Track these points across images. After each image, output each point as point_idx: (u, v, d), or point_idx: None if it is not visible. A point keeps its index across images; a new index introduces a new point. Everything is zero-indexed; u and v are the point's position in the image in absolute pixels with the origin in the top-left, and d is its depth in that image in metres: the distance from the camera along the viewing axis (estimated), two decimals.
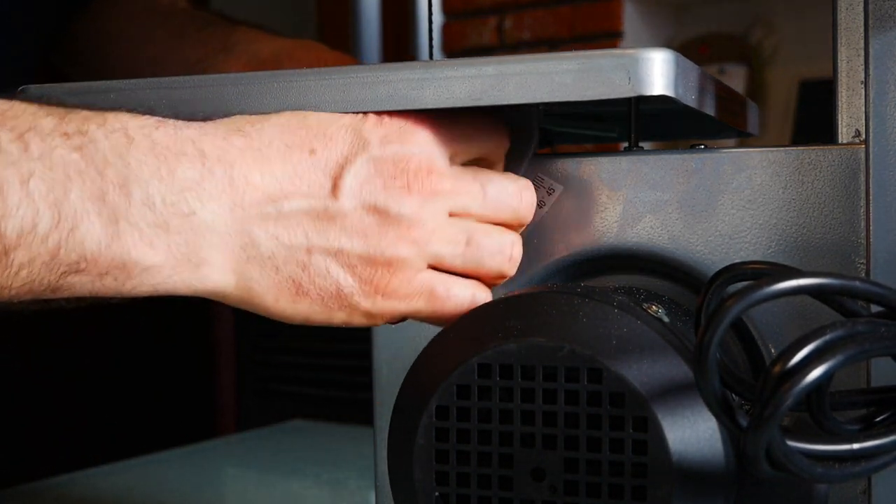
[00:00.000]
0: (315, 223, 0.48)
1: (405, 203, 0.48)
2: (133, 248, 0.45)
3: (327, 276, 0.48)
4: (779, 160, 0.51)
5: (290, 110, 0.50)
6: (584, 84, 0.47)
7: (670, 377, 0.44)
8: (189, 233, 0.46)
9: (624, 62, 0.46)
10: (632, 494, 0.43)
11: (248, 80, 0.51)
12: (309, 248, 0.48)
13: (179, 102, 0.52)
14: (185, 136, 0.47)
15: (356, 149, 0.48)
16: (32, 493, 1.07)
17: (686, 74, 0.48)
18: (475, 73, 0.48)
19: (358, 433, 1.37)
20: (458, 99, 0.48)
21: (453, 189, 0.49)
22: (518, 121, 0.53)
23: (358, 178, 0.48)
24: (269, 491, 1.07)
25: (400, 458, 0.47)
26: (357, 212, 0.48)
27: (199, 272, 0.47)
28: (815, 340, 0.38)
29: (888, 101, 0.49)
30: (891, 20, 0.48)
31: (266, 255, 0.48)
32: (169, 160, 0.46)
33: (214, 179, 0.47)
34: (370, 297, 0.49)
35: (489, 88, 0.48)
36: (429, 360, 0.48)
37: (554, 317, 0.46)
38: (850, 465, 0.40)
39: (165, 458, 1.23)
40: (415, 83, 0.49)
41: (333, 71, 0.50)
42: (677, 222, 0.52)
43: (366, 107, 0.49)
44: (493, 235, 0.51)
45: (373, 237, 0.48)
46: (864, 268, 0.49)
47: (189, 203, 0.46)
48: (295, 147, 0.48)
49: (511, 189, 0.51)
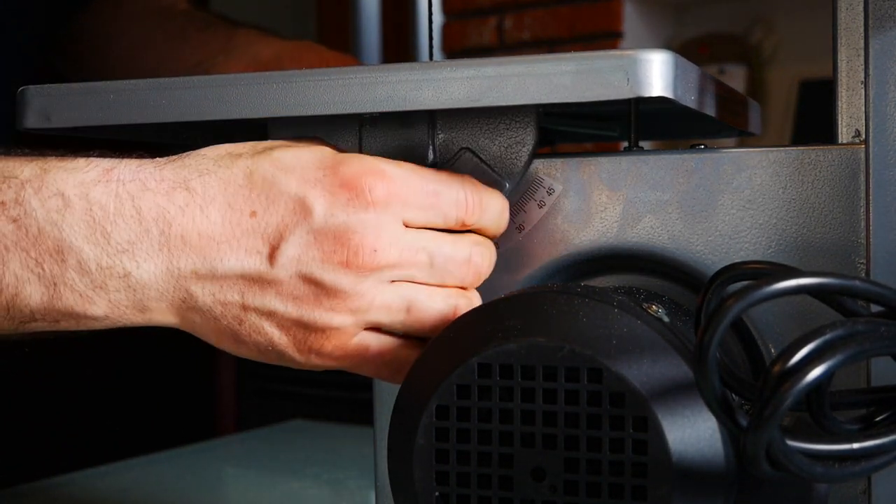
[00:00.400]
0: (250, 285, 0.48)
1: (342, 278, 0.48)
2: (75, 304, 0.48)
3: (262, 332, 0.49)
4: (779, 160, 0.51)
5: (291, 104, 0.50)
6: (583, 85, 0.47)
7: (670, 377, 0.44)
8: (128, 290, 0.48)
9: (622, 63, 0.46)
10: (632, 494, 0.43)
11: (247, 81, 0.51)
12: (244, 305, 0.49)
13: (179, 103, 0.52)
14: (125, 193, 0.48)
15: (297, 217, 0.48)
16: (32, 493, 1.07)
17: (685, 75, 0.48)
18: (473, 75, 0.48)
19: (358, 433, 1.37)
20: (456, 100, 0.48)
21: (398, 262, 0.49)
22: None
23: (296, 248, 0.48)
24: (269, 491, 1.07)
25: (400, 458, 0.47)
26: (292, 280, 0.48)
27: (144, 316, 0.49)
28: (815, 340, 0.38)
29: (888, 101, 0.49)
30: (891, 20, 0.48)
31: (204, 308, 0.49)
32: (104, 223, 0.47)
33: (150, 239, 0.47)
34: (305, 355, 0.50)
35: (487, 89, 0.48)
36: (429, 360, 0.48)
37: (554, 317, 0.46)
38: (850, 465, 0.40)
39: (165, 458, 1.23)
40: (413, 84, 0.49)
41: (332, 72, 0.50)
42: (677, 222, 0.52)
43: (365, 108, 0.49)
44: (437, 300, 0.50)
45: (307, 305, 0.48)
46: (864, 268, 0.49)
47: (124, 265, 0.47)
48: (236, 208, 0.48)
49: (460, 257, 0.50)
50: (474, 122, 0.53)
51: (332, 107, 0.50)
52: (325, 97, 0.50)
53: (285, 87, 0.51)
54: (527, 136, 0.53)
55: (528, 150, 0.53)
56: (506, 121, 0.53)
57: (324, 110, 0.50)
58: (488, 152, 0.53)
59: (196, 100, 0.52)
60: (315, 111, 0.51)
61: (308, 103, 0.51)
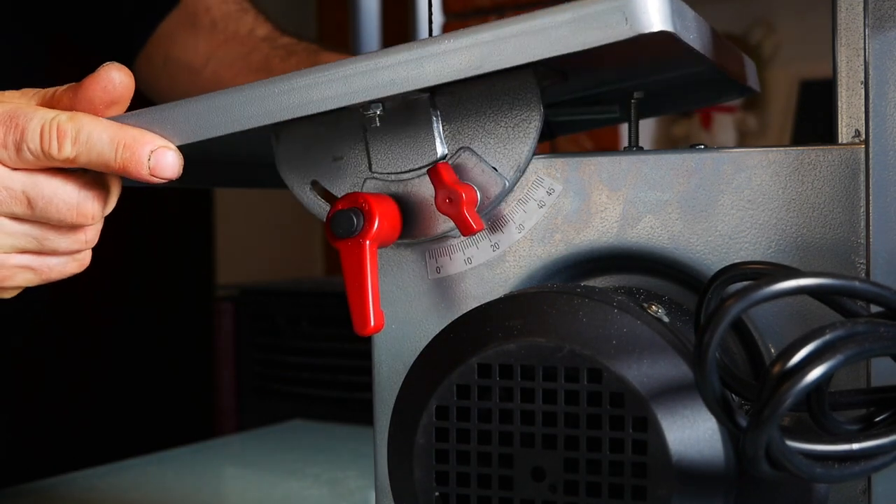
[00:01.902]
0: None
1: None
2: None
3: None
4: (779, 160, 0.51)
5: (295, 105, 0.51)
6: (582, 32, 0.46)
7: (670, 377, 0.44)
8: None
9: (619, 4, 0.46)
10: (632, 494, 0.43)
11: (253, 86, 0.52)
12: None
13: (193, 115, 0.53)
14: None
15: None
16: (32, 493, 1.07)
17: (682, 12, 0.48)
18: (472, 42, 0.48)
19: (358, 433, 1.37)
20: (459, 70, 0.48)
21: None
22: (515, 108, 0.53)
23: None
24: (269, 491, 1.07)
25: (400, 458, 0.47)
26: None
27: None
28: (815, 340, 0.38)
29: (888, 101, 0.49)
30: (891, 20, 0.48)
31: None
32: None
33: None
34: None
35: (488, 55, 0.48)
36: (429, 360, 0.48)
37: (554, 317, 0.46)
38: (849, 465, 0.40)
39: (165, 458, 1.23)
40: (414, 63, 0.49)
41: (333, 65, 0.50)
42: (677, 222, 0.52)
43: (370, 95, 0.49)
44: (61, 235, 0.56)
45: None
46: (864, 268, 0.49)
47: None
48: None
49: (63, 205, 0.54)
50: (475, 121, 0.53)
51: (338, 100, 0.50)
52: (329, 92, 0.50)
53: (288, 88, 0.51)
54: (528, 134, 0.53)
55: (529, 148, 0.53)
56: (506, 119, 0.53)
57: (330, 105, 0.50)
58: (488, 151, 0.53)
59: (211, 110, 0.52)
60: (321, 108, 0.51)
61: (313, 100, 0.51)
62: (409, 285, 0.57)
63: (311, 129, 0.56)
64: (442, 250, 0.56)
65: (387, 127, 0.54)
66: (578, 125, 0.69)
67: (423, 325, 0.56)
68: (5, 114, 0.53)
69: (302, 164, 0.57)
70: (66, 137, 0.52)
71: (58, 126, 0.52)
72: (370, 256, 0.52)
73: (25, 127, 0.52)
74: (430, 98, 0.54)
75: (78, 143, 0.52)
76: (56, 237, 0.56)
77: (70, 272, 0.58)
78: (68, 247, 0.57)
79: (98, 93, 0.54)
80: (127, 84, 0.54)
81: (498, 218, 0.55)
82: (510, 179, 0.53)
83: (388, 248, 0.57)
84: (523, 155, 0.53)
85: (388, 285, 0.57)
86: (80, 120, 0.53)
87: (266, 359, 2.13)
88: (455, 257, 0.56)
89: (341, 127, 0.56)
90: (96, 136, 0.52)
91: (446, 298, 0.56)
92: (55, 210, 0.54)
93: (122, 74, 0.54)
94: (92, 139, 0.52)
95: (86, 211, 0.54)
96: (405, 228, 0.55)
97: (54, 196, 0.54)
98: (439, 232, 0.55)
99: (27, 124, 0.52)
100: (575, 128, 0.71)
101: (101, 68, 0.54)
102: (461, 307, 0.55)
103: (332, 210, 0.52)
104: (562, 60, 0.48)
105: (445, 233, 0.55)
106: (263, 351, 2.14)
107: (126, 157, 0.52)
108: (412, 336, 0.57)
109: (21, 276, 0.57)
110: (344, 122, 0.55)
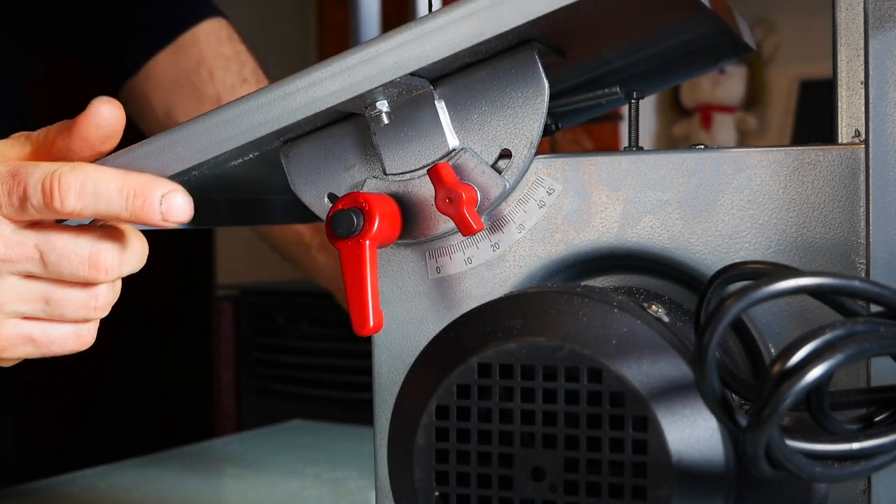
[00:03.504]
0: None
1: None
2: None
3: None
4: (779, 160, 0.51)
5: (302, 105, 0.51)
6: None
7: (670, 377, 0.44)
8: None
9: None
10: (632, 494, 0.43)
11: (258, 94, 0.52)
12: None
13: (203, 131, 0.53)
14: None
15: None
16: (32, 493, 1.07)
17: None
18: (470, 11, 0.48)
19: (358, 433, 1.37)
20: (461, 41, 0.48)
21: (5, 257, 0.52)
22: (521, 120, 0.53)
23: None
24: (269, 491, 1.07)
25: (400, 458, 0.47)
26: None
27: None
28: (815, 340, 0.38)
29: (888, 101, 0.49)
30: (891, 20, 0.48)
31: None
32: None
33: None
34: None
35: (487, 21, 0.48)
36: (429, 360, 0.48)
37: (554, 317, 0.46)
38: (849, 465, 0.40)
39: (165, 458, 1.23)
40: (415, 42, 0.49)
41: (334, 59, 0.50)
42: (677, 222, 0.52)
43: (375, 82, 0.49)
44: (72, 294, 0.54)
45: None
46: (864, 268, 0.49)
47: None
48: None
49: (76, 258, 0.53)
50: (482, 105, 0.53)
51: (344, 92, 0.50)
52: (333, 85, 0.50)
53: (293, 88, 0.51)
54: (537, 109, 0.52)
55: (539, 124, 0.53)
56: (513, 98, 0.53)
57: (337, 99, 0.50)
58: (500, 133, 0.53)
59: (224, 121, 0.52)
60: (328, 104, 0.51)
61: (317, 96, 0.51)
62: (409, 285, 0.57)
63: (318, 143, 0.56)
64: (442, 250, 0.56)
65: (395, 126, 0.54)
66: (581, 113, 0.69)
67: (423, 325, 0.56)
68: (7, 173, 0.52)
69: (316, 178, 0.57)
70: (69, 191, 0.51)
71: (59, 179, 0.51)
72: (370, 256, 0.52)
73: (27, 183, 0.51)
74: (434, 89, 0.54)
75: (84, 195, 0.51)
76: (65, 295, 0.54)
77: (70, 349, 0.56)
78: (76, 310, 0.55)
79: (91, 130, 0.53)
80: (118, 117, 0.53)
81: (498, 218, 0.55)
82: (510, 180, 0.53)
83: (388, 248, 0.57)
84: (535, 131, 0.53)
85: (388, 285, 0.57)
86: (84, 171, 0.51)
87: (266, 359, 2.13)
88: (455, 257, 0.56)
89: (348, 137, 0.56)
90: (103, 186, 0.51)
91: (446, 298, 0.56)
92: (67, 263, 0.53)
93: (111, 108, 0.53)
94: (99, 190, 0.51)
95: (98, 263, 0.53)
96: (405, 228, 0.55)
97: (66, 248, 0.53)
98: (439, 232, 0.55)
99: (28, 180, 0.51)
100: (578, 117, 0.70)
101: (91, 105, 0.53)
102: (461, 307, 0.55)
103: (332, 210, 0.52)
104: (561, 33, 0.47)
105: (445, 233, 0.55)
106: (263, 351, 2.14)
107: (138, 205, 0.51)
108: (412, 336, 0.57)
109: (21, 348, 0.55)
110: (350, 132, 0.56)
